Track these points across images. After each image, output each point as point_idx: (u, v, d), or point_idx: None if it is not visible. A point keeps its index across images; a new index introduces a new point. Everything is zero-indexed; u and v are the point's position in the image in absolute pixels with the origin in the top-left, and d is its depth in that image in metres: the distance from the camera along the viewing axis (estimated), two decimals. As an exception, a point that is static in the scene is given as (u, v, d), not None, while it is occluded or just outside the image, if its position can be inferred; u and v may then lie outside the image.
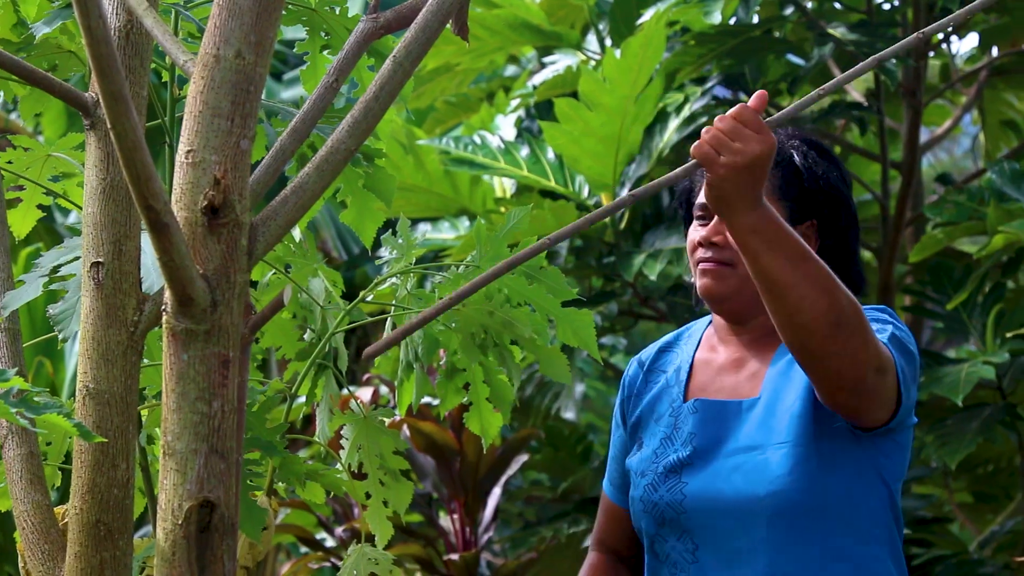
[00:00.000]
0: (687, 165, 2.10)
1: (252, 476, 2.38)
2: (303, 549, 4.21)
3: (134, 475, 2.07)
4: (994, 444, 4.22)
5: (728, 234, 2.25)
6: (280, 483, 2.61)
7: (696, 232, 2.42)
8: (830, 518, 2.35)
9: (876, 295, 4.30)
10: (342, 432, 2.56)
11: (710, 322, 2.51)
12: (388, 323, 2.60)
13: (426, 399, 4.08)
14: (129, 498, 2.05)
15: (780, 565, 2.34)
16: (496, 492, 4.00)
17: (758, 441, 2.35)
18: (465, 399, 2.58)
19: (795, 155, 2.43)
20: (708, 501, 2.35)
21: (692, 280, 2.47)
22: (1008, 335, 3.63)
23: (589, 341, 2.51)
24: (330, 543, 4.02)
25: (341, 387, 2.60)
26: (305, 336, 2.62)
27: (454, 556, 3.88)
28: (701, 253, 2.41)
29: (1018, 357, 3.76)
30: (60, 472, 2.42)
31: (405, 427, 3.99)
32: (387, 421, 2.60)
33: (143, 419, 2.36)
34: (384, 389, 4.30)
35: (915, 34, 2.04)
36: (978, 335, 3.80)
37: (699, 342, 2.51)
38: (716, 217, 2.36)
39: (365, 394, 4.20)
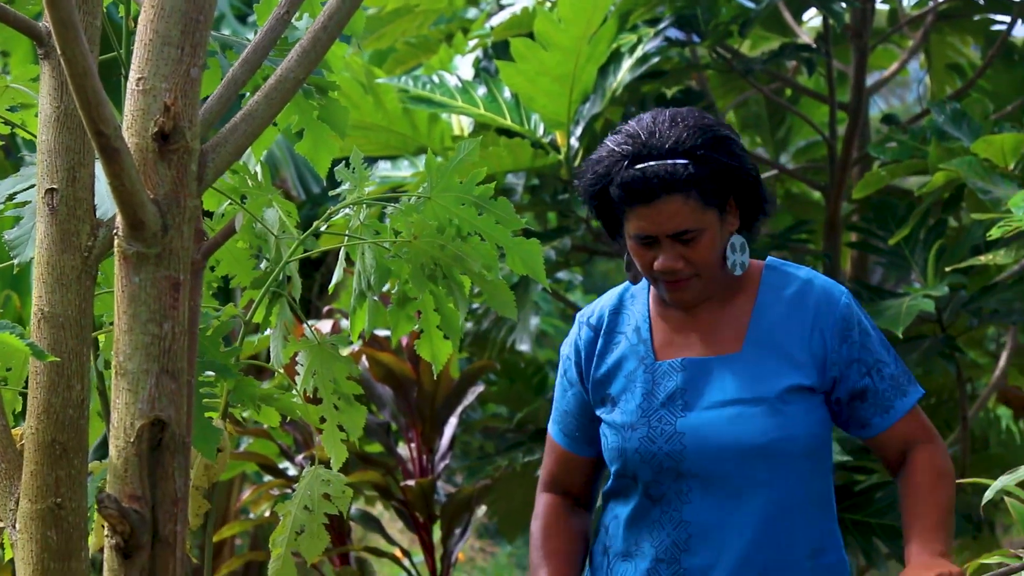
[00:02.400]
0: None
1: (207, 398, 2.44)
2: (266, 478, 4.29)
3: (89, 396, 2.11)
4: (934, 377, 4.32)
5: (687, 254, 2.50)
6: (237, 406, 2.68)
7: (648, 257, 2.54)
8: (812, 461, 2.54)
9: (822, 232, 4.40)
10: (297, 359, 2.64)
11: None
12: (341, 254, 2.66)
13: (386, 332, 4.17)
14: (84, 418, 2.10)
15: (773, 504, 2.51)
16: (452, 421, 4.09)
17: (750, 394, 2.52)
18: (416, 327, 2.66)
19: (713, 155, 2.52)
20: (709, 450, 2.51)
21: (635, 272, 2.61)
22: (947, 269, 3.72)
23: (537, 269, 2.59)
24: (292, 472, 4.10)
25: (296, 315, 2.67)
26: (261, 266, 2.68)
27: (411, 483, 3.96)
28: (663, 275, 2.53)
29: (957, 291, 3.85)
30: (21, 397, 2.47)
31: (364, 358, 4.07)
32: (346, 351, 2.67)
33: (99, 344, 2.42)
34: (344, 323, 4.37)
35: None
36: (920, 270, 3.90)
37: (647, 301, 2.64)
38: (665, 239, 2.49)
39: (325, 327, 4.26)
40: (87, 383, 2.11)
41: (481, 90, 4.38)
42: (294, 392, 2.62)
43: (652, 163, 2.50)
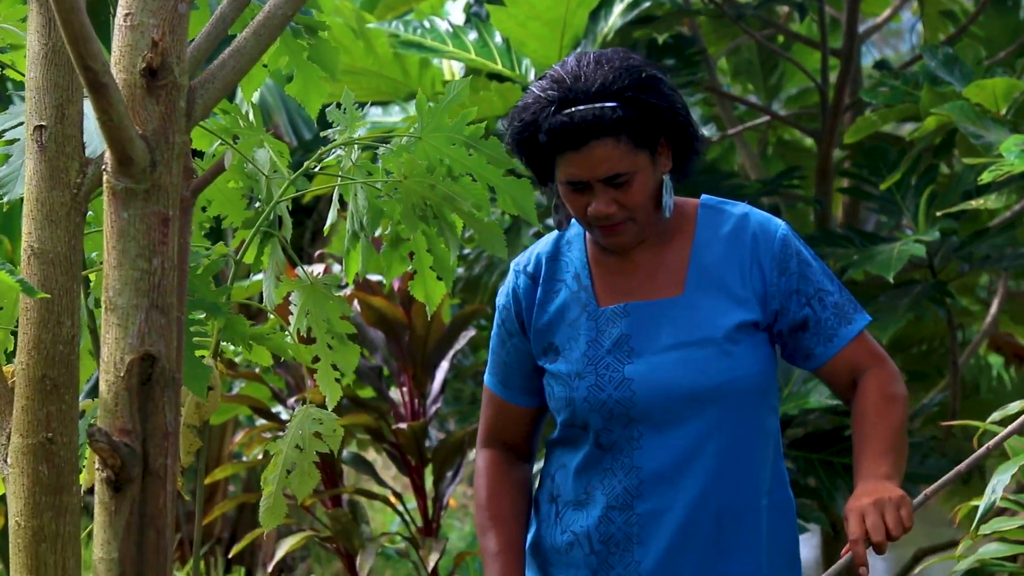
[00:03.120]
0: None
1: (198, 337, 2.45)
2: (259, 421, 4.30)
3: (79, 333, 2.12)
4: (925, 322, 4.34)
5: (620, 198, 2.46)
6: (228, 347, 2.69)
7: (581, 202, 2.50)
8: (762, 398, 2.53)
9: (814, 179, 4.40)
10: (290, 299, 2.65)
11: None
12: (335, 195, 2.67)
13: (377, 277, 4.17)
14: (74, 355, 2.11)
15: (725, 445, 2.51)
16: (444, 366, 4.10)
17: (697, 336, 2.50)
18: (409, 268, 2.67)
19: (642, 96, 2.47)
20: (658, 395, 2.50)
21: (562, 216, 2.60)
22: (939, 214, 3.73)
23: (528, 209, 2.60)
24: (284, 415, 4.11)
25: (288, 256, 2.67)
26: (253, 207, 2.69)
27: (403, 426, 3.98)
28: (598, 221, 2.51)
29: (948, 237, 3.86)
30: (12, 336, 2.48)
31: (356, 303, 4.08)
32: (338, 295, 2.67)
33: (90, 283, 2.43)
34: (336, 267, 4.38)
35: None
36: (911, 216, 3.91)
37: (584, 246, 2.63)
38: (597, 183, 2.47)
39: (317, 271, 4.26)
40: (77, 320, 2.12)
41: (472, 35, 4.37)
42: (286, 332, 2.63)
43: (579, 107, 2.44)
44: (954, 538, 4.42)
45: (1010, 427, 2.40)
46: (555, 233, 2.67)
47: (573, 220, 2.64)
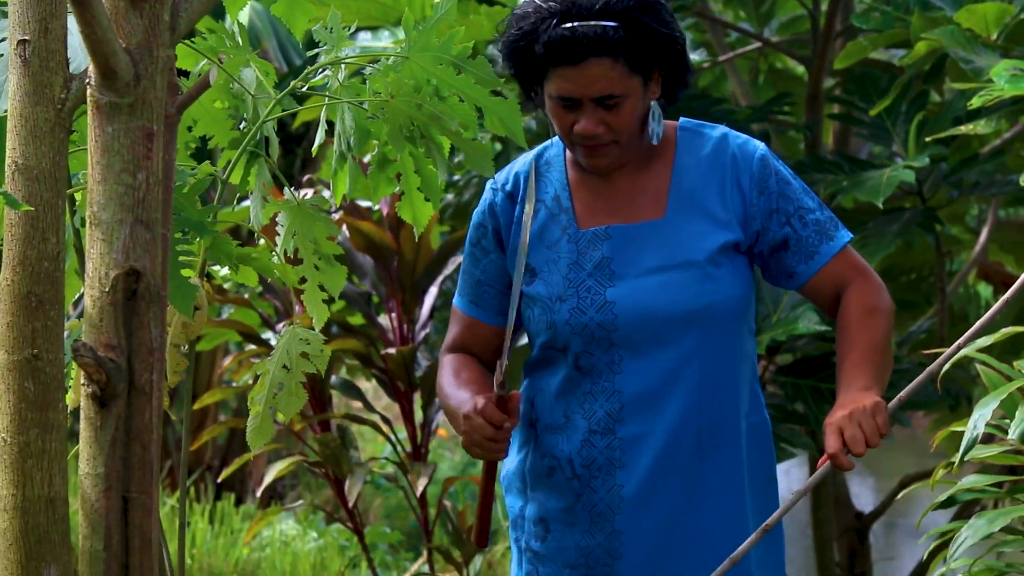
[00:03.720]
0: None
1: (184, 256, 2.45)
2: (248, 347, 4.30)
3: (64, 250, 2.11)
4: (914, 251, 4.34)
5: (608, 120, 2.46)
6: (216, 270, 2.69)
7: (567, 120, 2.50)
8: (741, 321, 2.54)
9: (804, 105, 4.39)
10: (277, 220, 2.64)
11: (564, 145, 2.61)
12: (322, 117, 2.65)
13: (366, 203, 4.16)
14: (59, 271, 2.10)
15: (705, 368, 2.51)
16: (433, 291, 4.11)
17: (678, 259, 2.50)
18: (397, 189, 2.66)
19: (643, 19, 2.47)
20: (640, 319, 2.50)
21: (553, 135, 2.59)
22: (928, 140, 3.72)
23: (516, 130, 2.59)
24: (274, 342, 4.11)
25: (275, 178, 2.66)
26: (240, 127, 2.68)
27: (392, 351, 3.99)
28: (583, 140, 2.50)
29: (938, 163, 3.86)
30: (-4, 252, 2.47)
31: (344, 228, 4.07)
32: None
33: (75, 201, 2.42)
34: (326, 193, 4.37)
35: None
36: (901, 142, 3.90)
37: (564, 167, 2.62)
38: (588, 102, 2.46)
39: (306, 195, 4.25)
40: (62, 236, 2.11)
41: (463, -42, 4.33)
42: (273, 254, 2.63)
43: (581, 23, 2.44)
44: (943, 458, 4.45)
45: (976, 325, 2.42)
46: (533, 152, 2.66)
47: (553, 140, 2.63)
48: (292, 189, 2.67)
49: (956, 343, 2.33)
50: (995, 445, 2.98)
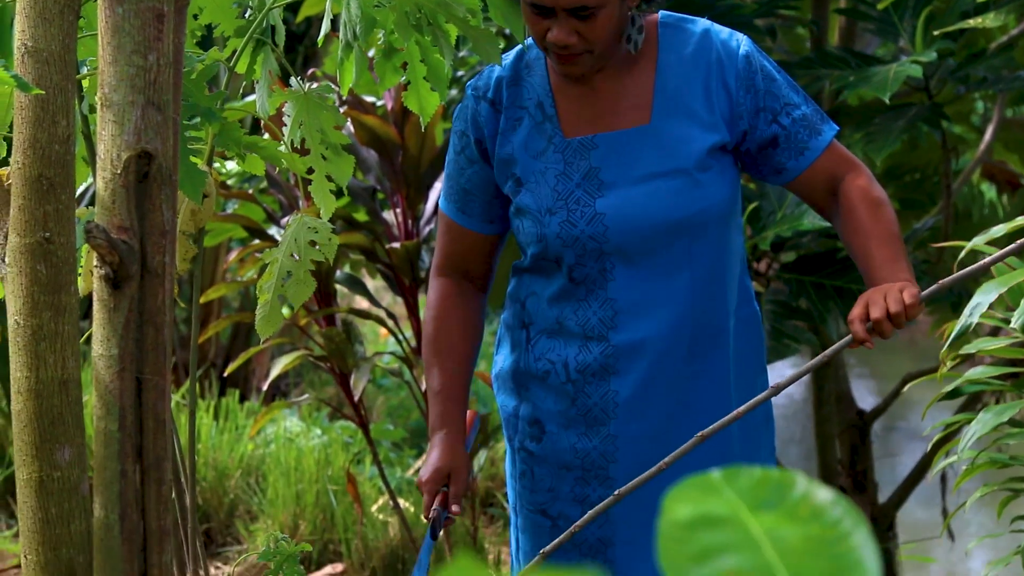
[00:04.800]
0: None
1: (192, 143, 2.45)
2: (255, 242, 4.30)
3: (75, 134, 2.12)
4: (919, 150, 4.33)
5: (581, 29, 2.42)
6: (220, 166, 2.69)
7: (541, 27, 2.46)
8: (730, 222, 2.53)
9: (810, 1, 4.36)
10: (283, 110, 2.63)
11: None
12: (328, 4, 2.64)
13: (371, 97, 4.15)
14: (70, 155, 2.11)
15: (697, 272, 2.51)
16: (437, 186, 4.10)
17: (667, 166, 2.49)
18: (403, 79, 2.65)
19: None
20: (631, 229, 2.49)
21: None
22: (936, 33, 3.69)
23: (516, 27, 2.57)
24: (279, 237, 4.11)
25: (281, 67, 2.65)
26: (246, 15, 2.66)
27: (396, 246, 3.99)
28: (555, 48, 2.46)
29: (945, 58, 3.84)
30: (5, 143, 2.47)
31: (349, 122, 4.06)
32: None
33: (83, 87, 2.42)
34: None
35: None
36: (908, 37, 3.87)
37: (546, 72, 2.59)
38: (561, 12, 2.42)
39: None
40: (72, 119, 2.11)
41: None
42: (280, 143, 2.62)
43: None
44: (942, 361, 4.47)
45: (1007, 248, 2.41)
46: (512, 53, 2.62)
47: (530, 41, 2.60)
48: (298, 79, 2.66)
49: (980, 263, 2.33)
50: (1001, 338, 3.00)
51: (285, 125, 2.62)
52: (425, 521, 2.62)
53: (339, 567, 4.82)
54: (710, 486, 1.02)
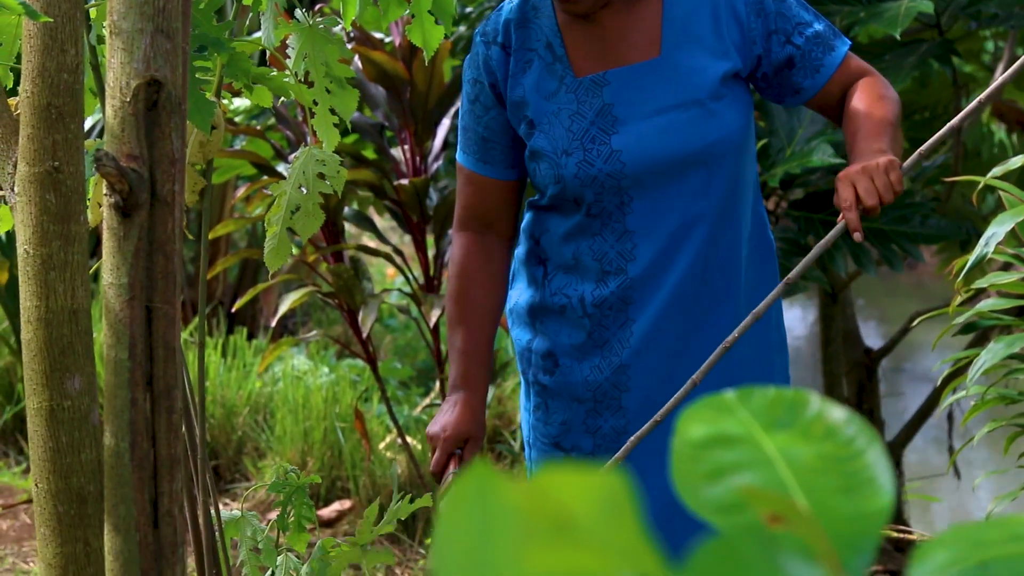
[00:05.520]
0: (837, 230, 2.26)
1: (201, 72, 2.44)
2: (263, 179, 4.30)
3: (83, 62, 2.12)
4: (930, 89, 4.31)
5: None
6: (228, 102, 2.68)
7: None
8: (744, 152, 2.52)
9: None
10: (288, 42, 2.62)
11: None
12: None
13: (379, 34, 4.12)
14: (79, 83, 2.11)
15: (713, 202, 2.50)
16: (445, 123, 4.09)
17: (681, 98, 2.47)
18: (407, 12, 2.63)
19: None
20: (648, 164, 2.48)
21: None
22: (948, -32, 3.67)
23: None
24: (287, 173, 4.11)
25: (288, 0, 2.64)
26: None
27: (404, 182, 3.98)
28: None
29: (958, -7, 3.81)
30: (12, 74, 2.47)
31: (357, 58, 4.04)
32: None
33: (91, 17, 2.40)
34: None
35: None
36: (920, -29, 3.84)
37: (552, 12, 2.56)
38: None
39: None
40: (81, 48, 2.11)
41: None
42: (286, 75, 2.61)
43: None
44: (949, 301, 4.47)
45: (1003, 76, 2.40)
46: None
47: None
48: (304, 12, 2.64)
49: (977, 99, 2.30)
50: (1012, 273, 2.99)
51: (289, 58, 2.60)
52: (436, 480, 2.62)
53: (347, 503, 4.84)
54: (723, 406, 1.02)
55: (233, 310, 4.11)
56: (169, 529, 2.01)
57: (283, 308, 4.00)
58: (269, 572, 2.63)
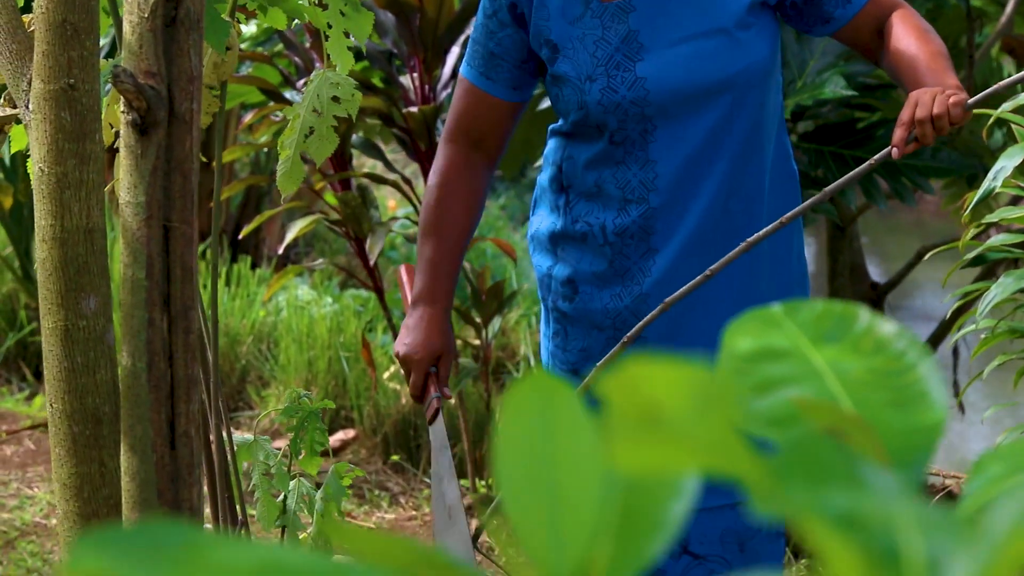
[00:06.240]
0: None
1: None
2: (270, 104, 4.27)
3: (98, -21, 2.09)
4: (940, 23, 4.27)
5: None
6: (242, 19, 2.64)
7: None
8: (770, 78, 2.49)
9: None
10: (301, -35, 2.59)
11: None
12: None
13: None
14: (95, 0, 2.08)
15: (739, 132, 2.48)
16: (455, 50, 4.05)
17: (707, 26, 2.44)
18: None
19: None
20: (673, 92, 2.45)
21: None
22: None
23: None
24: (295, 99, 4.08)
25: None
26: None
27: (413, 110, 3.95)
28: None
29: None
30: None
31: (365, -15, 4.00)
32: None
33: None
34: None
35: None
36: (937, -99, 3.81)
37: None
38: None
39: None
40: (96, -37, 2.08)
41: None
42: (301, -2, 2.58)
43: None
44: (957, 236, 4.46)
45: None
46: None
47: None
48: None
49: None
50: (1021, 207, 2.98)
51: (305, -22, 2.57)
52: (418, 403, 2.61)
53: (351, 433, 4.85)
54: (770, 319, 1.00)
55: (240, 236, 4.09)
56: (186, 450, 2.00)
57: (290, 235, 3.98)
58: (281, 496, 2.63)
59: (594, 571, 0.71)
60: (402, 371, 2.59)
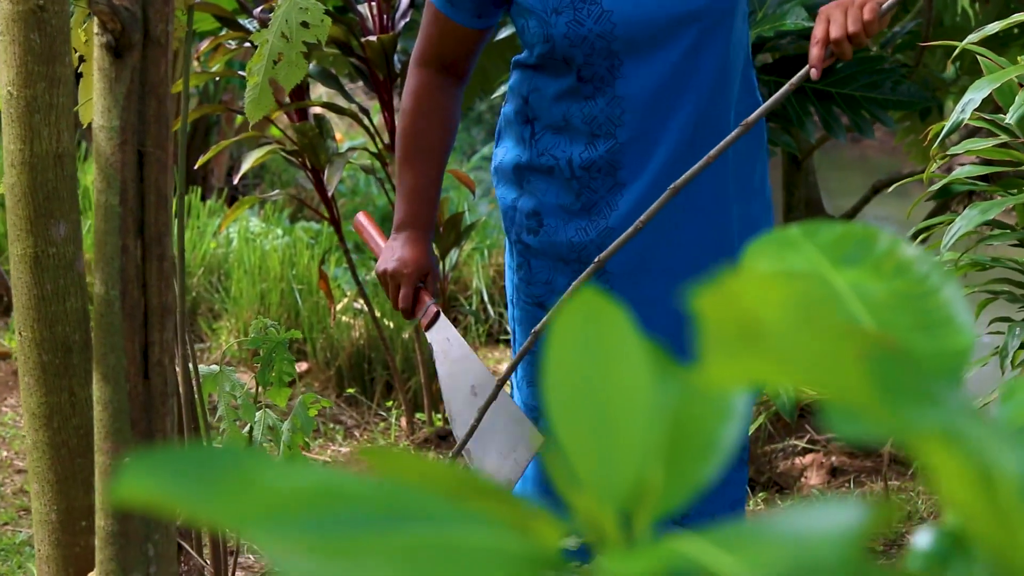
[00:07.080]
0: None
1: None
2: (224, 32, 4.20)
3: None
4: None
5: None
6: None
7: None
8: (736, 12, 2.48)
9: None
10: None
11: None
12: None
13: None
14: (63, -81, 2.04)
15: (705, 65, 2.46)
16: (414, -22, 4.00)
17: None
18: None
19: None
20: (639, 24, 2.43)
21: None
22: None
23: None
24: (251, 27, 4.01)
25: None
26: None
27: (372, 39, 3.90)
28: None
29: None
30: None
31: (322, -89, 3.94)
32: None
33: None
34: None
35: None
36: None
37: None
38: None
39: None
40: None
41: None
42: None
43: None
44: (913, 170, 4.47)
45: None
46: None
47: None
48: None
49: None
50: (988, 139, 2.98)
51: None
52: (407, 317, 2.60)
53: (304, 366, 4.82)
54: (788, 241, 0.99)
55: (196, 167, 4.03)
56: (160, 380, 1.98)
57: (246, 165, 3.94)
58: (248, 427, 2.61)
59: (648, 494, 0.69)
60: (388, 288, 2.57)
